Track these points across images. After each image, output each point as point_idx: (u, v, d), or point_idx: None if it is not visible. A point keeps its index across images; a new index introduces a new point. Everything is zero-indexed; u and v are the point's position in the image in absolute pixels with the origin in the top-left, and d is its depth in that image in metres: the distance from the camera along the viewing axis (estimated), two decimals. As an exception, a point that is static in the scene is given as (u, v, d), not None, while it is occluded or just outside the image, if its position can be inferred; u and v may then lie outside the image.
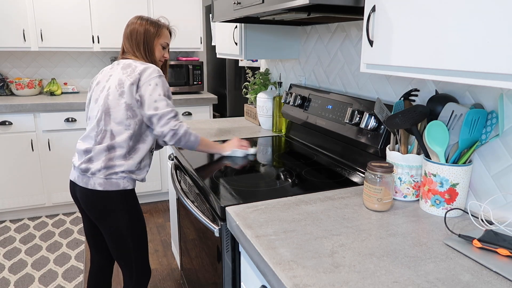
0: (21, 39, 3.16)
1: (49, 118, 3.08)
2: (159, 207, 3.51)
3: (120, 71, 1.51)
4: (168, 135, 1.48)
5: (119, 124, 1.46)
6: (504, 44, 0.74)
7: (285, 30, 2.08)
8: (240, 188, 1.32)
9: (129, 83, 1.46)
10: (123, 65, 1.53)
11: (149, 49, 1.60)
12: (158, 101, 1.47)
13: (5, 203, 3.11)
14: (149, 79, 1.47)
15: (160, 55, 1.65)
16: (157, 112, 1.46)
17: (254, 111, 2.43)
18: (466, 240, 0.95)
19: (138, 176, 1.53)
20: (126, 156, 1.47)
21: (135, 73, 1.47)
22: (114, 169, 1.46)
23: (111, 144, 1.45)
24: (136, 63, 1.51)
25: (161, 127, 1.47)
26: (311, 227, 1.04)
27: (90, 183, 1.46)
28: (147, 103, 1.46)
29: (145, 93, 1.46)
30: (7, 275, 2.43)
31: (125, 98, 1.46)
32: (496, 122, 1.05)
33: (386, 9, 1.01)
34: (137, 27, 1.58)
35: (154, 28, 1.60)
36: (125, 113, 1.46)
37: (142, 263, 1.60)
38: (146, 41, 1.59)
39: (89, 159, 1.46)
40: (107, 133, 1.46)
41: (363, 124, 1.44)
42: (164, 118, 1.47)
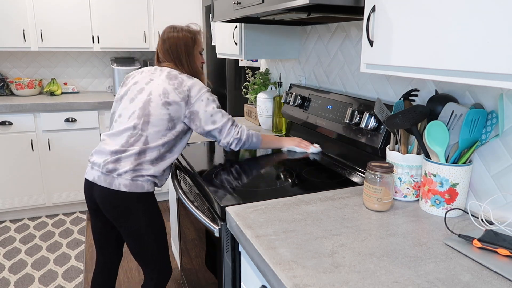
0: (21, 39, 3.16)
1: (49, 118, 3.08)
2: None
3: (165, 80, 1.50)
4: (233, 144, 1.54)
5: (157, 132, 1.46)
6: (504, 44, 0.74)
7: (285, 30, 2.09)
8: (240, 188, 1.32)
9: (177, 97, 1.46)
10: (168, 74, 1.52)
11: (191, 60, 1.61)
12: (213, 114, 1.50)
13: (5, 203, 3.11)
14: (200, 94, 1.49)
15: (200, 62, 1.66)
16: (216, 126, 1.51)
17: (254, 111, 2.43)
18: (466, 240, 0.95)
19: (159, 182, 1.54)
20: (154, 162, 1.47)
21: (183, 88, 1.48)
22: (141, 172, 1.45)
23: (143, 149, 1.45)
24: (183, 76, 1.52)
25: (224, 138, 1.53)
26: (311, 227, 1.04)
27: (114, 183, 1.44)
28: (203, 119, 1.49)
29: (199, 109, 1.48)
30: (7, 275, 2.43)
31: (170, 110, 1.46)
32: (496, 122, 1.05)
33: (386, 9, 1.01)
34: (175, 40, 1.58)
35: (191, 38, 1.60)
36: (166, 124, 1.46)
37: (163, 261, 1.61)
38: (187, 52, 1.59)
39: (117, 159, 1.44)
40: (142, 138, 1.45)
41: (363, 124, 1.44)
42: (224, 129, 1.52)
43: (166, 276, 1.64)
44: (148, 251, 1.56)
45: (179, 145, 1.55)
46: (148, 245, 1.55)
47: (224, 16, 1.71)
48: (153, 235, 1.55)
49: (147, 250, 1.56)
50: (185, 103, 1.48)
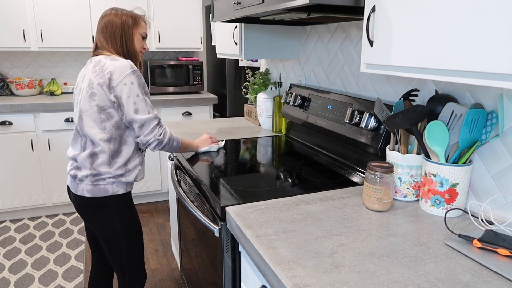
0: (21, 39, 3.16)
1: (49, 118, 3.08)
2: (159, 207, 3.51)
3: (90, 70, 1.42)
4: (152, 144, 1.44)
5: (93, 127, 1.40)
6: (504, 44, 0.74)
7: (285, 30, 2.08)
8: (240, 188, 1.32)
9: (98, 84, 1.37)
10: (94, 63, 1.43)
11: (127, 40, 1.50)
12: (137, 102, 1.38)
13: (5, 203, 3.11)
14: (122, 77, 1.36)
15: (140, 45, 1.55)
16: (139, 117, 1.39)
17: (254, 111, 2.43)
18: (466, 240, 0.95)
19: (128, 178, 1.48)
20: (110, 161, 1.42)
21: (104, 72, 1.37)
22: (100, 175, 1.42)
23: (92, 151, 1.41)
24: (106, 60, 1.41)
25: (145, 136, 1.42)
26: (311, 227, 1.04)
27: (79, 189, 1.44)
28: (125, 105, 1.38)
29: (121, 94, 1.37)
30: (7, 275, 2.43)
31: (96, 100, 1.38)
32: (496, 122, 1.05)
33: (386, 9, 1.01)
34: (113, 18, 1.48)
35: (131, 18, 1.50)
36: (98, 116, 1.39)
37: (136, 267, 1.58)
38: (124, 31, 1.49)
39: (76, 166, 1.44)
40: (87, 139, 1.42)
41: (363, 124, 1.44)
42: (147, 126, 1.41)
43: (139, 281, 1.61)
44: (120, 256, 1.53)
45: (129, 135, 1.46)
46: (120, 249, 1.51)
47: (224, 16, 1.71)
48: (126, 239, 1.51)
49: (119, 254, 1.52)
50: (106, 87, 1.37)
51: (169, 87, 3.62)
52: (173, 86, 3.63)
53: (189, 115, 3.52)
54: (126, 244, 1.52)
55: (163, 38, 3.58)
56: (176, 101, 3.41)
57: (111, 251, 1.52)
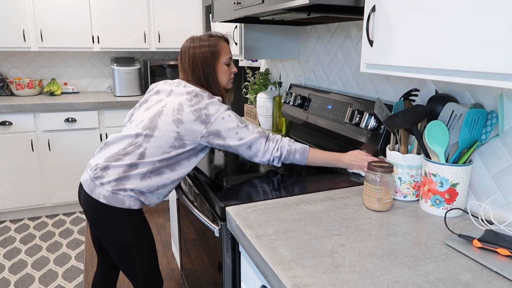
0: (21, 39, 3.16)
1: (49, 118, 3.08)
2: (159, 207, 3.51)
3: (184, 94, 1.35)
4: (275, 161, 1.36)
5: (158, 148, 1.32)
6: (504, 44, 0.74)
7: (285, 30, 2.08)
8: (240, 188, 1.32)
9: (192, 116, 1.31)
10: (190, 90, 1.36)
11: (212, 79, 1.42)
12: (239, 132, 1.33)
13: (5, 203, 3.11)
14: (219, 113, 1.33)
15: (227, 76, 1.46)
16: (244, 141, 1.33)
17: (254, 111, 2.43)
18: (466, 240, 0.95)
19: (146, 200, 1.39)
20: (145, 175, 1.33)
21: (200, 105, 1.32)
22: (124, 185, 1.32)
23: (135, 163, 1.32)
24: (204, 94, 1.36)
25: (262, 157, 1.35)
26: (311, 227, 1.04)
27: (95, 192, 1.34)
28: (227, 137, 1.33)
29: (221, 128, 1.32)
30: (7, 275, 2.43)
31: (180, 128, 1.31)
32: (496, 122, 1.05)
33: (386, 9, 1.01)
34: (192, 57, 1.40)
35: (210, 51, 1.40)
36: (172, 142, 1.32)
37: (152, 276, 1.51)
38: (205, 70, 1.41)
39: (106, 166, 1.34)
40: (139, 150, 1.33)
41: (363, 124, 1.44)
42: (255, 147, 1.34)
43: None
44: (133, 267, 1.46)
45: (184, 167, 1.39)
46: (132, 260, 1.44)
47: (224, 16, 1.71)
48: (138, 251, 1.43)
49: (132, 265, 1.45)
50: (200, 122, 1.31)
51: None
52: (173, 86, 3.62)
53: (189, 115, 3.52)
54: (138, 256, 1.44)
55: (163, 38, 3.58)
56: (176, 101, 3.41)
57: (123, 262, 1.45)
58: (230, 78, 1.48)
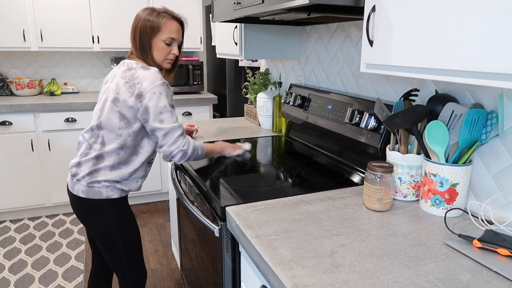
0: (21, 39, 3.16)
1: (49, 118, 3.08)
2: (159, 207, 3.51)
3: (120, 74, 1.40)
4: (177, 155, 1.40)
5: (111, 132, 1.38)
6: (504, 44, 0.74)
7: (285, 30, 2.08)
8: (240, 188, 1.32)
9: (127, 92, 1.35)
10: (125, 67, 1.42)
11: (145, 51, 1.43)
12: (163, 112, 1.36)
13: (5, 203, 3.11)
14: (152, 87, 1.34)
15: (163, 54, 1.45)
16: (163, 126, 1.36)
17: (254, 111, 2.43)
18: (466, 240, 0.95)
19: (125, 187, 1.45)
20: (114, 166, 1.40)
21: (134, 81, 1.36)
22: (96, 177, 1.40)
23: (100, 154, 1.39)
24: (138, 67, 1.39)
25: (168, 146, 1.39)
26: (311, 227, 1.04)
27: (75, 188, 1.43)
28: (152, 114, 1.35)
29: (149, 103, 1.34)
30: (7, 275, 2.43)
31: (119, 107, 1.36)
32: (496, 122, 1.05)
33: (386, 9, 1.01)
34: (135, 25, 1.43)
35: (150, 25, 1.40)
36: (118, 122, 1.37)
37: (136, 267, 1.56)
38: (142, 41, 1.42)
39: (78, 163, 1.42)
40: (99, 139, 1.40)
41: (363, 124, 1.44)
42: (171, 135, 1.38)
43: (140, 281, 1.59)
44: (118, 258, 1.51)
45: (145, 146, 1.44)
46: (117, 251, 1.49)
47: (224, 16, 1.71)
48: (122, 242, 1.48)
49: (117, 256, 1.50)
50: (135, 97, 1.34)
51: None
52: (173, 86, 3.62)
53: (189, 115, 3.52)
54: (123, 246, 1.50)
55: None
56: (176, 101, 3.41)
57: (108, 253, 1.51)
58: (166, 57, 1.47)
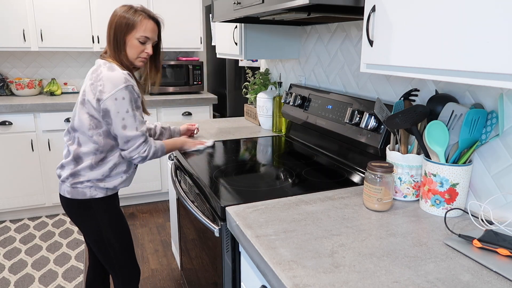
0: (21, 39, 3.16)
1: (49, 118, 3.08)
2: (159, 207, 3.51)
3: (89, 75, 1.40)
4: (136, 160, 1.44)
5: (83, 133, 1.40)
6: (504, 43, 0.74)
7: (285, 30, 2.08)
8: (240, 188, 1.32)
9: (91, 93, 1.35)
10: (95, 67, 1.41)
11: (118, 47, 1.39)
12: (125, 118, 1.35)
13: (5, 203, 3.11)
14: (114, 91, 1.32)
15: (136, 52, 1.42)
16: (126, 133, 1.37)
17: (254, 111, 2.43)
18: (466, 240, 0.95)
19: (107, 184, 1.45)
20: (92, 166, 1.42)
21: (98, 83, 1.34)
22: (78, 178, 1.42)
23: (77, 155, 1.41)
24: (104, 68, 1.36)
25: (129, 152, 1.41)
26: (311, 227, 1.04)
27: (61, 189, 1.47)
28: (114, 120, 1.35)
29: (110, 108, 1.33)
30: (7, 275, 2.43)
31: (87, 108, 1.37)
32: (496, 122, 1.05)
33: (386, 9, 1.01)
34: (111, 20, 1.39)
35: (126, 20, 1.37)
36: (88, 123, 1.37)
37: (127, 265, 1.57)
38: (116, 38, 1.38)
39: (61, 165, 1.46)
40: (75, 141, 1.42)
41: (363, 124, 1.44)
42: (132, 142, 1.39)
43: (133, 278, 1.60)
44: (108, 256, 1.52)
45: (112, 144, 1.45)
46: (107, 249, 1.51)
47: (224, 16, 1.71)
48: (112, 240, 1.50)
49: (107, 254, 1.52)
50: (96, 100, 1.34)
51: (169, 87, 3.62)
52: (173, 86, 3.62)
53: (189, 115, 3.52)
54: (112, 245, 1.51)
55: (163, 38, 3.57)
56: (176, 101, 3.42)
57: (99, 252, 1.53)
58: (139, 55, 1.44)
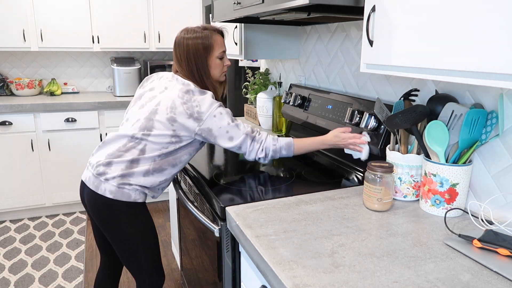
0: (21, 39, 3.16)
1: (49, 118, 3.08)
2: (159, 207, 3.51)
3: (177, 92, 1.35)
4: (261, 159, 1.40)
5: (157, 144, 1.35)
6: (504, 43, 0.74)
7: (285, 30, 2.08)
8: (240, 188, 1.32)
9: (185, 113, 1.33)
10: (183, 86, 1.37)
11: (204, 72, 1.42)
12: (230, 130, 1.36)
13: (5, 203, 3.11)
14: (211, 110, 1.33)
15: (220, 69, 1.46)
16: (234, 144, 1.37)
17: (254, 111, 2.43)
18: (466, 240, 0.95)
19: (150, 193, 1.44)
20: (148, 173, 1.37)
21: (192, 103, 1.33)
22: (129, 180, 1.36)
23: (136, 158, 1.35)
24: (195, 89, 1.36)
25: (248, 155, 1.39)
26: (311, 227, 1.04)
27: (101, 187, 1.36)
28: (218, 136, 1.35)
29: (212, 126, 1.34)
30: (7, 275, 2.43)
31: (175, 126, 1.33)
32: (496, 122, 1.05)
33: (386, 9, 1.01)
34: (185, 49, 1.40)
35: (202, 43, 1.40)
36: (169, 139, 1.35)
37: (156, 270, 1.54)
38: (197, 63, 1.41)
39: (108, 163, 1.36)
40: (139, 146, 1.36)
41: (363, 124, 1.44)
42: (244, 148, 1.38)
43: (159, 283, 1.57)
44: (139, 260, 1.48)
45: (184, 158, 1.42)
46: (134, 255, 1.47)
47: (224, 16, 1.71)
48: (140, 246, 1.46)
49: (138, 259, 1.48)
50: (193, 119, 1.33)
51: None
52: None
53: (189, 115, 3.52)
54: (144, 249, 1.47)
55: (163, 38, 3.58)
56: (176, 101, 3.41)
57: (129, 256, 1.47)
58: (223, 71, 1.48)
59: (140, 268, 1.51)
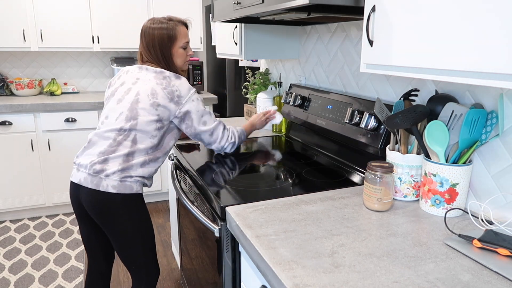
0: (21, 39, 3.16)
1: (49, 118, 3.08)
2: (159, 207, 3.51)
3: (153, 80, 1.44)
4: (228, 147, 1.59)
5: (146, 133, 1.42)
6: (504, 43, 0.74)
7: (285, 30, 2.08)
8: (240, 188, 1.32)
9: (166, 98, 1.42)
10: (156, 73, 1.47)
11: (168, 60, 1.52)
12: (204, 115, 1.51)
13: (5, 203, 3.11)
14: (190, 94, 1.47)
15: (183, 59, 1.56)
16: (207, 127, 1.51)
17: (254, 111, 2.43)
18: (466, 240, 0.95)
19: (148, 182, 1.52)
20: (145, 163, 1.44)
21: (171, 88, 1.44)
22: (130, 172, 1.41)
23: (131, 151, 1.41)
24: (170, 75, 1.47)
25: (219, 142, 1.56)
26: (311, 227, 1.04)
27: (102, 184, 1.39)
28: (195, 119, 1.48)
29: (191, 109, 1.47)
30: (7, 275, 2.43)
31: (158, 111, 1.42)
32: (496, 122, 1.05)
33: (386, 9, 1.01)
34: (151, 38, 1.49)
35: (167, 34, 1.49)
36: (155, 124, 1.43)
37: (152, 262, 1.59)
38: (163, 53, 1.50)
39: (104, 160, 1.39)
40: (129, 137, 1.41)
41: (363, 124, 1.44)
42: (216, 133, 1.54)
43: (154, 277, 1.61)
44: (135, 254, 1.52)
45: (170, 142, 1.52)
46: (135, 248, 1.51)
47: (224, 16, 1.71)
48: (140, 237, 1.51)
49: (134, 253, 1.52)
50: (174, 103, 1.44)
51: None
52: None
53: (189, 115, 3.52)
54: (143, 240, 1.52)
55: (163, 38, 3.58)
56: (176, 101, 3.41)
57: (128, 249, 1.51)
58: (185, 60, 1.58)
59: (138, 261, 1.54)
